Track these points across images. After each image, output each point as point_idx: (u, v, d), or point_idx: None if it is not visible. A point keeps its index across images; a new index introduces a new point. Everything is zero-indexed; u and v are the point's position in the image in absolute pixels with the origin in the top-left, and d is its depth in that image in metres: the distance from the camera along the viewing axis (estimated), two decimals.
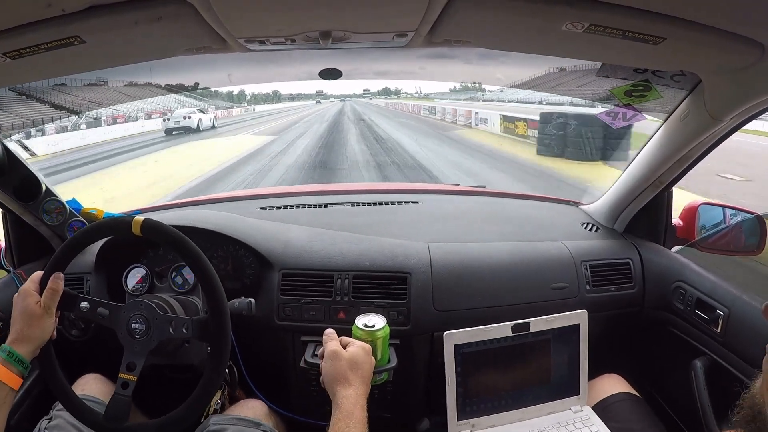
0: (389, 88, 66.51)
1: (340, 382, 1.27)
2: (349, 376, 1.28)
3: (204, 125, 26.93)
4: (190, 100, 29.27)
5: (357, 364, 1.31)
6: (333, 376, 1.28)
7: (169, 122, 26.03)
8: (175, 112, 27.60)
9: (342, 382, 1.27)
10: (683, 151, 1.71)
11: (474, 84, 9.28)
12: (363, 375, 1.31)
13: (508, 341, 1.64)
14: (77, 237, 1.42)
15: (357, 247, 1.94)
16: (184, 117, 26.35)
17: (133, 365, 1.37)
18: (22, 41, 1.07)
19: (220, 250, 1.96)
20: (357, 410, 1.22)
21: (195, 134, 25.21)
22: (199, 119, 26.53)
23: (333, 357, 1.31)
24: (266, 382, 1.79)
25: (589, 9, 1.05)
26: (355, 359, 1.31)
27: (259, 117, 43.06)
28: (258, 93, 61.26)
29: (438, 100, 44.90)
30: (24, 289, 1.32)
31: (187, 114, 26.59)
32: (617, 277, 1.96)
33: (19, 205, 1.87)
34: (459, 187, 3.04)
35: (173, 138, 24.10)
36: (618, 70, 1.50)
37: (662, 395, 1.97)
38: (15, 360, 1.24)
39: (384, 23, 1.21)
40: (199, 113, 27.32)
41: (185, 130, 25.56)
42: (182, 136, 24.73)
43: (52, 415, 1.51)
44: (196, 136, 24.27)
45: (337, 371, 1.28)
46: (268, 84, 4.25)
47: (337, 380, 1.27)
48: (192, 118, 26.21)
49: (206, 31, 1.14)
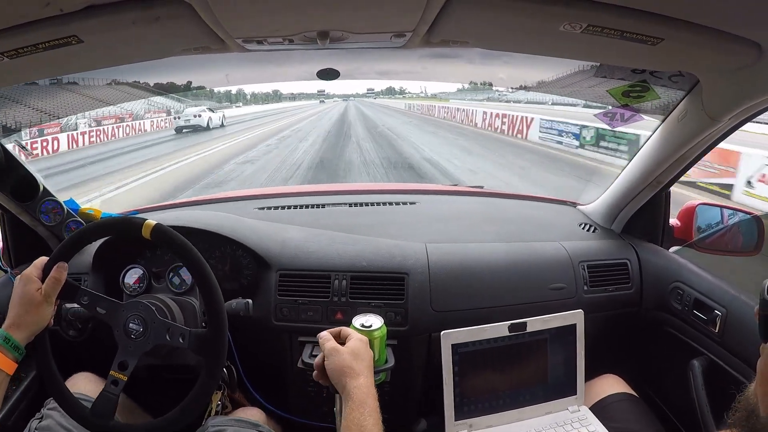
0: (393, 87, 63.69)
1: (347, 374, 1.24)
2: (354, 366, 1.25)
3: (213, 124, 26.67)
4: (172, 102, 28.77)
5: (358, 354, 1.29)
6: (338, 369, 1.25)
7: (180, 120, 25.74)
8: (185, 111, 27.13)
9: (349, 373, 1.24)
10: (681, 152, 1.72)
11: (483, 84, 8.24)
12: (368, 365, 1.29)
13: (505, 341, 1.64)
14: (86, 230, 1.42)
15: (354, 247, 1.94)
16: (194, 115, 25.95)
17: (126, 364, 1.37)
18: (20, 41, 1.07)
19: (217, 250, 1.96)
20: (370, 399, 1.21)
21: (206, 132, 24.92)
22: (209, 117, 26.26)
23: (333, 353, 1.28)
24: (264, 383, 1.79)
25: (587, 10, 1.05)
26: (356, 350, 1.29)
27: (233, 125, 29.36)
28: (258, 93, 57.40)
29: (454, 100, 38.75)
30: (26, 274, 1.31)
31: (198, 112, 26.20)
32: (615, 278, 1.96)
33: (16, 205, 1.87)
34: (457, 188, 3.04)
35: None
36: (616, 71, 1.51)
37: (660, 395, 1.97)
38: (11, 345, 1.23)
39: (381, 23, 1.21)
40: (209, 112, 26.99)
41: (195, 128, 25.35)
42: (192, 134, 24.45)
43: (43, 413, 1.50)
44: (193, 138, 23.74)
45: (342, 364, 1.26)
46: (261, 83, 4.04)
47: (344, 373, 1.24)
48: (202, 116, 25.91)
49: (204, 31, 1.14)
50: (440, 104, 37.72)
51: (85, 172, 13.65)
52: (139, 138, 23.06)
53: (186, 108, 27.38)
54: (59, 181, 11.65)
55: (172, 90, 2.34)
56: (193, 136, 24.08)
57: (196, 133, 24.83)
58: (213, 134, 24.49)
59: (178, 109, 27.97)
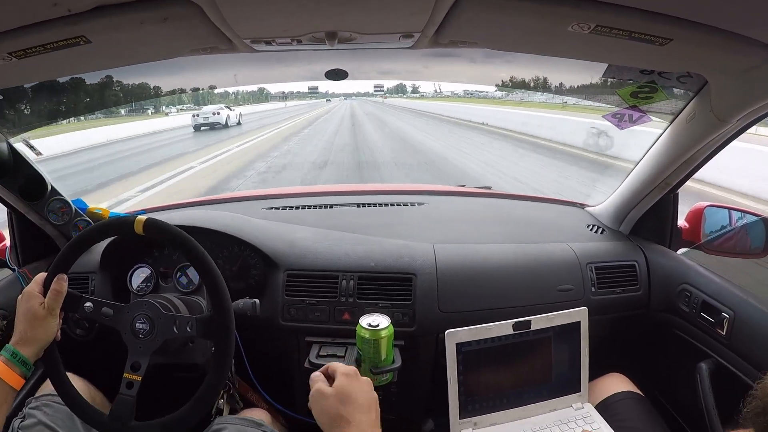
0: (404, 84, 56.14)
1: (336, 424, 1.10)
2: (342, 413, 1.10)
3: (231, 121, 26.81)
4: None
5: (347, 396, 1.13)
6: (326, 420, 1.12)
7: (198, 118, 25.64)
8: (204, 108, 27.19)
9: (338, 423, 1.09)
10: (689, 153, 1.71)
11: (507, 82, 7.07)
12: (360, 404, 1.13)
13: (510, 339, 1.64)
14: (80, 238, 1.42)
15: (362, 247, 1.94)
16: (213, 113, 26.03)
17: (138, 365, 1.36)
18: (28, 41, 1.07)
19: (225, 250, 1.96)
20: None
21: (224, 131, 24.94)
22: (227, 115, 26.37)
23: (318, 398, 1.15)
24: (271, 383, 1.79)
25: (596, 10, 1.04)
26: (343, 391, 1.13)
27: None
28: (243, 92, 51.44)
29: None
30: (27, 291, 1.32)
31: (216, 110, 26.32)
32: (623, 280, 1.96)
33: (24, 204, 1.88)
34: (465, 189, 3.03)
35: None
36: (624, 72, 1.50)
37: (667, 397, 1.97)
38: (18, 361, 1.24)
39: (390, 24, 1.20)
40: (227, 109, 27.07)
41: (212, 126, 25.41)
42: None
43: (25, 413, 1.50)
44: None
45: (327, 412, 1.12)
46: (269, 83, 3.80)
47: (333, 423, 1.10)
48: (221, 114, 26.01)
49: (212, 31, 1.14)
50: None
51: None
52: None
53: (204, 106, 27.53)
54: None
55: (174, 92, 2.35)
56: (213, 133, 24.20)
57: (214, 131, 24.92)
58: (231, 132, 24.58)
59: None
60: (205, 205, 2.54)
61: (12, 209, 1.90)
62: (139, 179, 12.33)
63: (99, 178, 12.93)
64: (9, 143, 1.74)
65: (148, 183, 11.78)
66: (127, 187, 11.44)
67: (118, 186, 11.73)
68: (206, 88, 2.13)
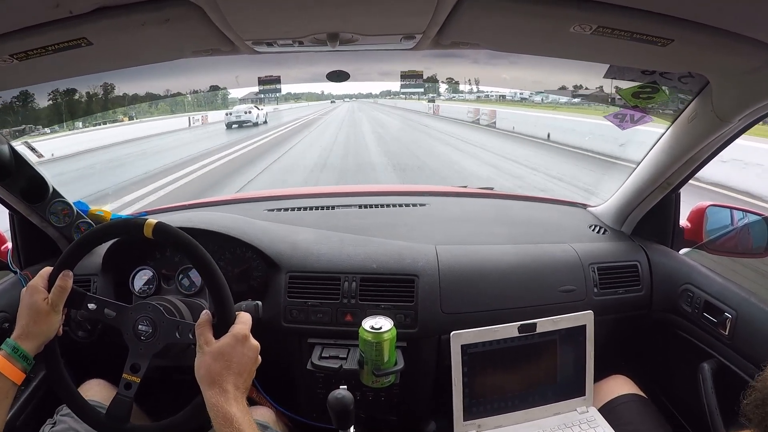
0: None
1: (205, 382, 1.14)
2: (213, 372, 1.14)
3: (260, 120, 27.22)
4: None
5: (222, 355, 1.16)
6: (199, 374, 1.16)
7: (231, 116, 26.10)
8: (236, 107, 27.58)
9: (207, 381, 1.14)
10: (691, 153, 1.71)
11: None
12: (231, 366, 1.15)
13: (515, 342, 1.64)
14: (88, 236, 1.41)
15: (364, 249, 1.93)
16: (245, 112, 26.46)
17: (138, 366, 1.36)
18: (29, 43, 1.07)
19: (227, 252, 1.96)
20: (233, 409, 1.10)
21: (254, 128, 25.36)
22: (257, 114, 26.77)
23: (198, 351, 1.19)
24: (274, 385, 1.79)
25: (597, 11, 1.04)
26: (221, 351, 1.16)
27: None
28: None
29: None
30: (32, 284, 1.30)
31: (248, 109, 26.69)
32: (625, 280, 1.95)
33: (26, 206, 1.87)
34: (466, 189, 3.03)
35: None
36: (626, 72, 1.50)
37: (669, 397, 1.97)
38: (19, 355, 1.23)
39: (392, 25, 1.20)
40: (256, 109, 27.41)
41: (241, 125, 25.82)
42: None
43: (56, 419, 1.50)
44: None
45: (204, 368, 1.15)
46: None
47: (202, 379, 1.15)
48: (252, 113, 26.42)
49: (214, 33, 1.14)
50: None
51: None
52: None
53: (235, 105, 28.06)
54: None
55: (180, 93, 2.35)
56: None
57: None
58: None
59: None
60: (206, 206, 2.53)
61: (14, 211, 1.90)
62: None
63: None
64: (10, 145, 1.73)
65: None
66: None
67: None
68: (206, 89, 2.12)
